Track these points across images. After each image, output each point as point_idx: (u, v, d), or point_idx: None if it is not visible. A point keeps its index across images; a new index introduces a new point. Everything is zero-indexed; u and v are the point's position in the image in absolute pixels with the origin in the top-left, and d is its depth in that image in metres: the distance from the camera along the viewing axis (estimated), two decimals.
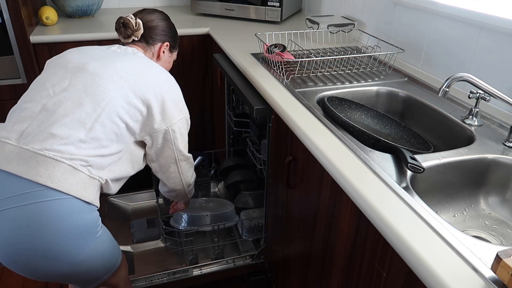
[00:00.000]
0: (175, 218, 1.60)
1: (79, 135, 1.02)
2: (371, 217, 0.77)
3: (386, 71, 1.46)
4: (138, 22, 1.26)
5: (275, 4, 2.03)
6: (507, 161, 0.95)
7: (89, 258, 1.04)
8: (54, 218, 0.97)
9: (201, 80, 2.20)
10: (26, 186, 0.96)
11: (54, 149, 0.99)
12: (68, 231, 0.99)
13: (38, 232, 0.96)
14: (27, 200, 0.95)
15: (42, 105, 1.05)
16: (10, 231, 0.96)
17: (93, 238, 1.05)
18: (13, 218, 0.95)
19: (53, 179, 0.98)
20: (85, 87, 1.07)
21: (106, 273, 1.13)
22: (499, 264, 0.59)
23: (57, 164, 0.99)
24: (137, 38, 1.27)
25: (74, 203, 1.00)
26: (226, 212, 1.60)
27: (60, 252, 0.99)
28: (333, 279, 1.03)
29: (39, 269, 1.00)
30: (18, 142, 1.00)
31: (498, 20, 1.13)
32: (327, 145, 0.96)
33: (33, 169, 0.97)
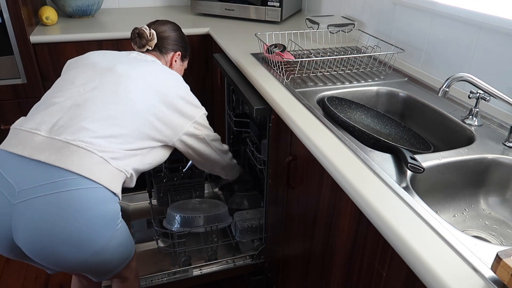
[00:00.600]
0: (168, 219, 1.60)
1: (110, 130, 1.08)
2: (371, 217, 0.77)
3: (386, 71, 1.46)
4: (152, 33, 1.34)
5: (275, 4, 2.03)
6: (507, 161, 0.95)
7: (109, 248, 1.07)
8: (84, 206, 1.00)
9: (201, 80, 2.20)
10: (58, 175, 1.00)
11: (87, 141, 1.04)
12: (95, 220, 1.02)
13: (66, 219, 0.99)
14: (59, 188, 0.99)
15: (73, 100, 1.11)
16: (40, 218, 0.98)
17: (115, 228, 1.08)
18: (44, 205, 0.98)
19: (85, 168, 1.02)
20: (115, 87, 1.14)
21: (121, 264, 1.16)
22: (499, 264, 0.59)
23: (89, 154, 1.04)
24: (151, 47, 1.35)
25: (103, 193, 1.04)
26: (219, 214, 1.60)
27: (85, 239, 1.02)
28: (333, 279, 1.03)
29: (62, 257, 1.02)
30: (49, 134, 1.04)
31: (498, 20, 1.13)
32: (327, 145, 0.96)
33: (66, 158, 1.01)
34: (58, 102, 1.11)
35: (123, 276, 1.24)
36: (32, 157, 1.01)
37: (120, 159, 1.10)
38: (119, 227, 1.10)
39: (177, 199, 1.86)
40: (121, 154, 1.10)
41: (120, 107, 1.12)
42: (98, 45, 1.92)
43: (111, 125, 1.09)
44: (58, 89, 1.16)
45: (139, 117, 1.14)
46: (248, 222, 1.64)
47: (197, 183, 1.88)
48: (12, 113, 1.93)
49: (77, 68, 1.21)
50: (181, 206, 1.69)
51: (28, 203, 0.98)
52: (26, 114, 1.92)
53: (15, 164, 1.02)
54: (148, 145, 1.18)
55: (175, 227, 1.56)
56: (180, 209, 1.64)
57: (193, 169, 1.88)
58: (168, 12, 2.39)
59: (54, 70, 1.91)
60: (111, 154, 1.07)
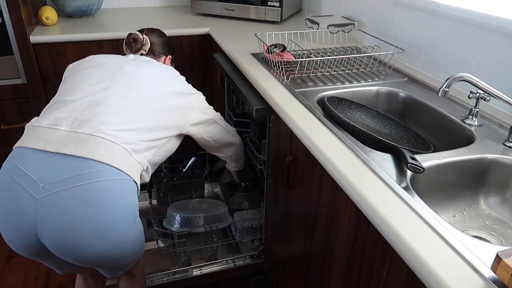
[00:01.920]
0: (168, 219, 1.60)
1: (129, 123, 1.13)
2: (371, 217, 0.77)
3: (386, 71, 1.46)
4: (145, 38, 1.41)
5: (275, 4, 2.03)
6: (507, 161, 0.95)
7: (128, 240, 1.09)
8: (109, 197, 1.02)
9: (201, 80, 2.20)
10: (83, 167, 1.02)
11: (109, 133, 1.08)
12: (119, 210, 1.04)
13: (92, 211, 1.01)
14: (84, 180, 1.01)
15: (89, 98, 1.15)
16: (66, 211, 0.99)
17: (135, 220, 1.11)
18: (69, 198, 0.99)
19: (113, 159, 1.06)
20: (128, 83, 1.20)
21: (135, 259, 1.18)
22: (499, 264, 0.59)
23: (115, 146, 1.07)
24: (145, 51, 1.42)
25: (127, 184, 1.08)
26: (219, 214, 1.59)
27: (109, 230, 1.03)
28: (333, 279, 1.03)
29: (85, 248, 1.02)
30: (71, 128, 1.07)
31: (498, 20, 1.13)
32: (327, 145, 0.96)
33: (92, 149, 1.04)
34: (74, 100, 1.14)
35: (132, 272, 1.27)
36: (57, 151, 1.02)
37: (139, 151, 1.14)
38: (138, 220, 1.14)
39: (177, 199, 1.86)
40: (140, 146, 1.14)
41: (136, 102, 1.17)
42: (98, 45, 1.92)
43: (130, 119, 1.14)
44: (71, 88, 1.19)
45: (154, 110, 1.20)
46: (248, 222, 1.64)
47: (197, 183, 1.88)
48: (12, 113, 1.93)
49: (85, 69, 1.25)
50: (181, 206, 1.69)
51: (53, 197, 0.99)
52: (26, 114, 1.94)
53: (36, 159, 1.03)
54: (164, 135, 1.24)
55: (175, 227, 1.56)
56: (180, 209, 1.64)
57: (193, 169, 1.88)
58: (168, 12, 2.39)
59: (54, 70, 1.91)
60: (132, 146, 1.12)
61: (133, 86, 1.20)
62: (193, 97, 1.35)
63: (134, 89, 1.19)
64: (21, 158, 1.04)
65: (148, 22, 2.14)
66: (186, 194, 1.89)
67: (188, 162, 1.87)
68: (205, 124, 1.39)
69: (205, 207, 1.70)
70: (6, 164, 1.06)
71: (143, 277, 1.34)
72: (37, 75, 1.87)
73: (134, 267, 1.25)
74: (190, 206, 1.71)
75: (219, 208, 1.66)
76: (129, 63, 1.28)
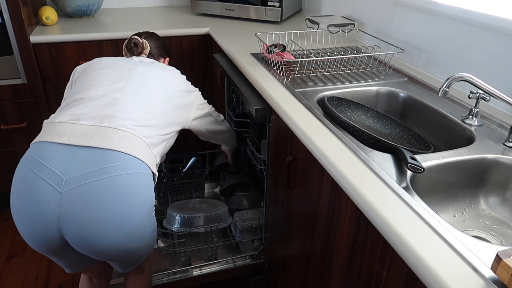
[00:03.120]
0: (168, 219, 1.60)
1: (148, 119, 1.18)
2: (371, 217, 0.77)
3: (386, 71, 1.46)
4: (145, 42, 1.45)
5: (275, 4, 2.03)
6: (507, 161, 0.95)
7: (146, 234, 1.12)
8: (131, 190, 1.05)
9: (201, 80, 2.20)
10: (106, 160, 1.03)
11: (131, 128, 1.12)
12: (142, 203, 1.08)
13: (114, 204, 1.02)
14: (107, 174, 1.02)
15: (109, 95, 1.18)
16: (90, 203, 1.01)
17: (152, 213, 1.15)
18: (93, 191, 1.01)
19: (137, 151, 1.09)
20: (143, 83, 1.25)
21: (148, 252, 1.20)
22: (499, 264, 0.59)
23: (137, 139, 1.11)
24: (145, 55, 1.46)
25: (148, 178, 1.11)
26: (219, 214, 1.60)
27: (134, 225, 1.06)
28: (333, 279, 1.03)
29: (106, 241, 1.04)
30: (93, 123, 1.09)
31: (498, 20, 1.13)
32: (327, 145, 0.96)
33: (117, 142, 1.07)
34: (93, 98, 1.17)
35: (141, 267, 1.30)
36: (82, 144, 1.04)
37: (156, 145, 1.19)
38: (153, 214, 1.17)
39: (177, 199, 1.86)
40: (156, 139, 1.19)
41: (152, 99, 1.22)
42: (98, 45, 1.92)
43: (149, 115, 1.19)
44: (87, 88, 1.21)
45: (167, 107, 1.26)
46: (248, 222, 1.64)
47: (197, 183, 1.88)
48: (12, 113, 1.93)
49: (97, 70, 1.28)
50: (181, 206, 1.69)
51: (77, 190, 1.01)
52: (26, 114, 1.94)
53: (59, 153, 1.04)
54: (173, 130, 1.29)
55: (175, 227, 1.56)
56: (180, 209, 1.64)
57: (193, 169, 1.88)
58: (168, 12, 2.39)
59: (54, 70, 1.91)
60: (151, 140, 1.16)
61: (148, 85, 1.25)
62: (194, 95, 1.41)
63: (149, 88, 1.25)
64: (41, 152, 1.04)
65: (148, 22, 2.14)
66: (186, 194, 1.89)
67: (188, 162, 1.87)
68: (202, 118, 1.45)
69: (205, 207, 1.70)
70: (25, 159, 1.06)
71: (150, 273, 1.37)
72: (37, 75, 1.87)
73: (144, 262, 1.29)
74: (190, 206, 1.71)
75: (219, 208, 1.66)
76: (139, 64, 1.33)
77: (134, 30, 1.95)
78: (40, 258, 1.93)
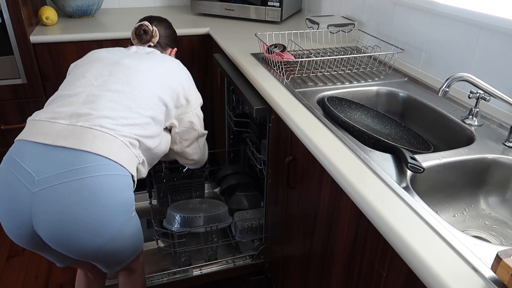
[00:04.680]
0: (168, 219, 1.60)
1: (127, 118, 1.14)
2: (371, 217, 0.77)
3: (386, 71, 1.46)
4: (155, 29, 1.41)
5: (275, 4, 2.03)
6: (507, 161, 0.95)
7: (124, 235, 1.09)
8: (104, 192, 1.02)
9: (201, 80, 2.20)
10: (79, 161, 1.02)
11: (108, 127, 1.09)
12: (114, 206, 1.04)
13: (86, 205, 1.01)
14: (79, 175, 1.00)
15: (87, 92, 1.15)
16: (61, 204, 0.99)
17: (130, 215, 1.11)
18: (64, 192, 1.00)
19: (111, 152, 1.06)
20: (125, 77, 1.20)
21: (133, 254, 1.18)
22: (499, 264, 0.59)
23: (113, 139, 1.08)
24: (153, 43, 1.42)
25: (122, 179, 1.07)
26: (219, 214, 1.59)
27: (103, 225, 1.03)
28: (333, 279, 1.03)
29: (80, 242, 1.03)
30: (70, 122, 1.07)
31: (498, 20, 1.13)
32: (327, 145, 0.96)
33: (90, 142, 1.04)
34: (73, 94, 1.15)
35: (131, 268, 1.27)
36: (56, 144, 1.03)
37: (136, 146, 1.15)
38: (133, 215, 1.14)
39: (177, 199, 1.86)
40: (137, 139, 1.15)
41: (133, 96, 1.18)
42: (98, 45, 1.92)
43: (128, 113, 1.14)
44: (70, 84, 1.20)
45: (151, 105, 1.20)
46: (248, 222, 1.64)
47: (197, 183, 1.88)
48: (12, 113, 1.93)
49: (85, 65, 1.26)
50: (181, 206, 1.69)
51: (48, 190, 1.00)
52: (26, 114, 1.94)
53: (34, 153, 1.03)
54: (159, 129, 1.25)
55: (175, 227, 1.56)
56: (180, 209, 1.64)
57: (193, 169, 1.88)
58: (168, 12, 2.39)
59: (54, 70, 1.91)
60: (130, 140, 1.13)
61: (130, 80, 1.20)
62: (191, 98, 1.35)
63: (131, 83, 1.20)
64: (19, 151, 1.05)
65: None
66: (186, 194, 1.89)
67: None
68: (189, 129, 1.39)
69: (205, 207, 1.70)
70: (5, 158, 1.07)
71: (143, 274, 1.34)
72: (37, 75, 1.87)
73: (133, 263, 1.25)
74: (190, 206, 1.71)
75: (219, 208, 1.66)
76: (129, 56, 1.28)
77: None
78: (40, 258, 1.93)
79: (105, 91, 1.15)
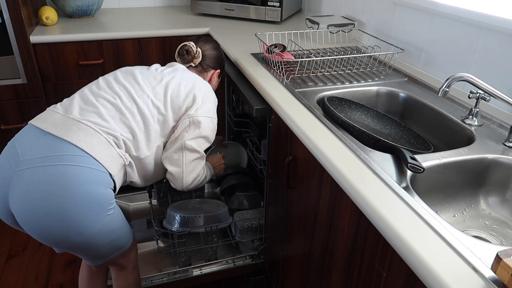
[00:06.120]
0: (168, 219, 1.60)
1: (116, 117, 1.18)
2: (371, 217, 0.77)
3: (386, 71, 1.46)
4: (198, 51, 1.42)
5: (275, 4, 2.03)
6: (507, 161, 0.95)
7: (98, 233, 1.11)
8: (76, 182, 1.05)
9: None
10: (62, 149, 1.07)
11: (94, 122, 1.14)
12: (83, 197, 1.06)
13: (57, 191, 1.04)
14: (58, 161, 1.05)
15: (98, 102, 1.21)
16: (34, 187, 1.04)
17: (105, 214, 1.12)
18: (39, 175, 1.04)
19: (89, 145, 1.10)
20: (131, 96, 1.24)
21: (113, 252, 1.20)
22: (499, 264, 0.59)
23: (96, 134, 1.12)
24: (194, 64, 1.44)
25: (98, 175, 1.10)
26: (219, 213, 1.59)
27: (70, 215, 1.05)
28: (333, 279, 1.03)
29: (47, 229, 1.06)
30: (65, 113, 1.16)
31: (498, 20, 1.13)
32: (327, 145, 0.96)
33: (74, 133, 1.10)
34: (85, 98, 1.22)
35: (120, 264, 1.28)
36: (47, 130, 1.10)
37: (120, 146, 1.18)
38: (111, 213, 1.14)
39: (177, 199, 1.86)
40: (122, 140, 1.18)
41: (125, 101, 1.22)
42: (98, 45, 1.92)
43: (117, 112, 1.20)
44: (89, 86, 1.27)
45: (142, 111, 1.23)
46: (248, 222, 1.64)
47: None
48: (12, 113, 1.93)
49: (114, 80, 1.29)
50: (181, 206, 1.69)
51: (28, 171, 1.05)
52: (26, 114, 1.95)
53: (30, 136, 1.11)
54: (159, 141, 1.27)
55: (175, 227, 1.56)
56: (180, 209, 1.64)
57: None
58: (168, 12, 2.39)
59: (54, 70, 1.91)
60: (115, 138, 1.16)
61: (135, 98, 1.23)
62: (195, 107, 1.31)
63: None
64: (20, 134, 1.14)
65: (148, 22, 2.14)
66: (186, 194, 1.89)
67: None
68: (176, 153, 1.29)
69: (205, 207, 1.70)
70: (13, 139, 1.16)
71: (135, 271, 1.35)
72: (37, 75, 1.87)
73: (122, 259, 1.26)
74: (190, 206, 1.71)
75: (219, 208, 1.66)
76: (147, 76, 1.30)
77: (134, 30, 1.95)
78: (40, 258, 1.93)
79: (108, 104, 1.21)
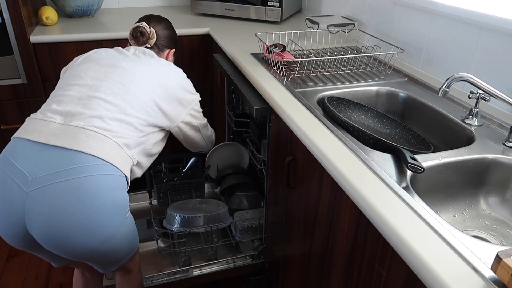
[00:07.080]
0: (168, 219, 1.60)
1: (121, 119, 1.15)
2: (371, 217, 0.77)
3: (386, 71, 1.46)
4: (152, 31, 1.40)
5: (275, 4, 2.03)
6: (507, 161, 0.95)
7: (118, 236, 1.10)
8: (96, 193, 1.02)
9: (201, 80, 2.20)
10: (72, 161, 1.02)
11: (101, 127, 1.10)
12: (106, 206, 1.04)
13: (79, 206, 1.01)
14: (72, 175, 1.01)
15: (82, 93, 1.16)
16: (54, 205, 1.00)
17: (124, 216, 1.11)
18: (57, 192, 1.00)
19: (103, 152, 1.06)
20: (120, 79, 1.20)
21: (128, 254, 1.18)
22: (499, 264, 0.59)
23: (106, 139, 1.09)
24: (150, 45, 1.40)
25: (115, 180, 1.08)
26: (219, 213, 1.59)
27: (96, 226, 1.03)
28: (333, 279, 1.03)
29: (73, 244, 1.03)
30: (64, 121, 1.09)
31: (498, 20, 1.13)
32: (327, 145, 0.96)
33: (83, 142, 1.05)
34: (68, 95, 1.16)
35: (127, 268, 1.27)
36: (49, 143, 1.03)
37: (130, 146, 1.16)
38: (128, 215, 1.14)
39: (177, 199, 1.86)
40: (131, 140, 1.16)
41: (128, 98, 1.18)
42: (98, 45, 1.92)
43: (122, 114, 1.15)
44: (67, 83, 1.21)
45: (145, 107, 1.21)
46: (248, 222, 1.64)
47: (197, 183, 1.88)
48: (12, 113, 1.93)
49: (83, 64, 1.27)
50: (181, 206, 1.69)
51: (41, 190, 1.00)
52: (26, 114, 1.94)
53: (28, 152, 1.04)
54: (151, 131, 1.25)
55: (175, 227, 1.56)
56: (180, 209, 1.64)
57: (193, 169, 1.88)
58: (168, 12, 2.39)
59: (54, 70, 1.91)
60: (124, 140, 1.13)
61: (126, 82, 1.20)
62: (187, 98, 1.35)
63: (126, 85, 1.20)
64: (13, 151, 1.06)
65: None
66: (186, 194, 1.89)
67: (188, 162, 1.87)
68: (189, 127, 1.40)
69: (205, 207, 1.70)
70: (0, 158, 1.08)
71: (139, 273, 1.35)
72: (37, 75, 1.87)
73: (129, 263, 1.25)
74: (190, 206, 1.71)
75: (219, 208, 1.66)
76: (126, 59, 1.28)
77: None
78: (40, 258, 1.93)
79: (100, 92, 1.16)
